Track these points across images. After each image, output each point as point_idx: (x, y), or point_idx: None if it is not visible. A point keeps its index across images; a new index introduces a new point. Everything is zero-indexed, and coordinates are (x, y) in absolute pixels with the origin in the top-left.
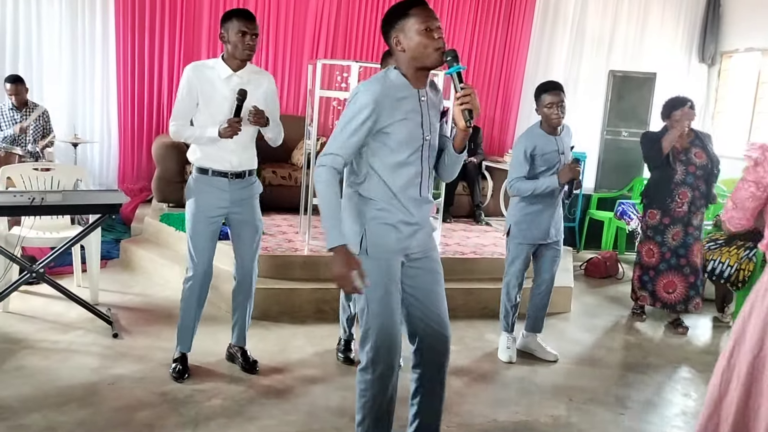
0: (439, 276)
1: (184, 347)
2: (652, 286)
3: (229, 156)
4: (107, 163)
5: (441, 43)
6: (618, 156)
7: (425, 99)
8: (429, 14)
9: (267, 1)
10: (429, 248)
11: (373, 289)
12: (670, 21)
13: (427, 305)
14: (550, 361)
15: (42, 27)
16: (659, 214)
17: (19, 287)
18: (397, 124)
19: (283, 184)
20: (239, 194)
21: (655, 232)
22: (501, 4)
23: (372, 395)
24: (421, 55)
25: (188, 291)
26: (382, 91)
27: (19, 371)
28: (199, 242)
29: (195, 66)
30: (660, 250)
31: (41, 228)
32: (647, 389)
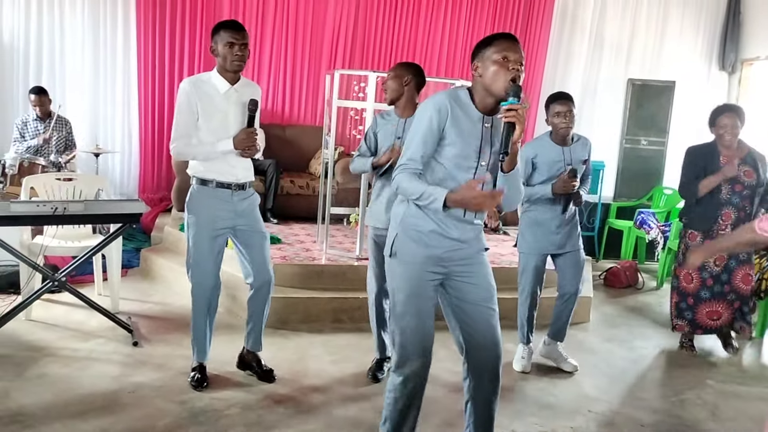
0: (485, 290)
1: (199, 357)
2: (692, 315)
3: (234, 169)
4: (128, 173)
5: (513, 74)
6: (637, 165)
7: (489, 125)
8: (509, 46)
9: (285, 12)
10: (475, 264)
11: (399, 291)
12: (690, 28)
13: (474, 319)
14: (568, 372)
15: (65, 39)
16: (700, 236)
17: (41, 296)
18: (453, 140)
19: (300, 194)
20: (242, 205)
21: None
22: (518, 11)
23: (394, 397)
24: (492, 82)
25: (195, 303)
26: (446, 101)
27: (41, 379)
28: (205, 257)
29: (191, 81)
30: (700, 276)
31: (63, 237)
32: (668, 401)
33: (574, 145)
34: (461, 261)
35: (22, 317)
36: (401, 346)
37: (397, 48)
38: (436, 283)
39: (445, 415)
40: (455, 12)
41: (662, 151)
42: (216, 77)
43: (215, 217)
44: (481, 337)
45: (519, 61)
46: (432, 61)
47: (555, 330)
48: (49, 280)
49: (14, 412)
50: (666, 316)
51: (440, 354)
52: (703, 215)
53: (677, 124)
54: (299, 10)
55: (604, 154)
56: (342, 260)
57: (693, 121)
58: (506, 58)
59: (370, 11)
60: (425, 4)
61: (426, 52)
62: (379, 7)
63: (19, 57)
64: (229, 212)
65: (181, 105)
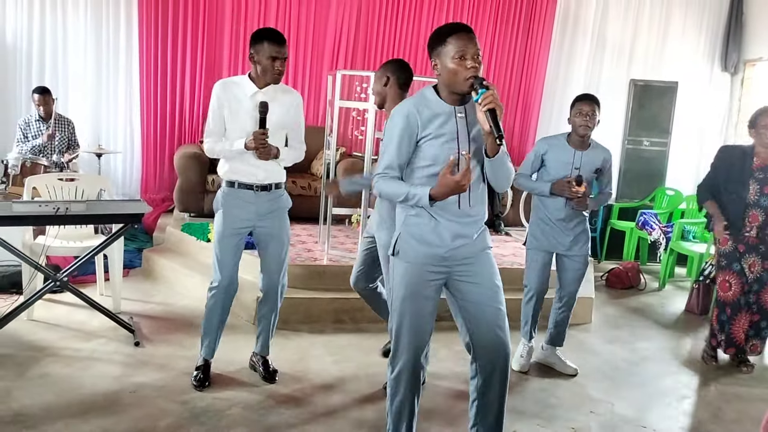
0: (489, 289)
1: (206, 354)
2: (729, 327)
3: (255, 169)
4: (130, 174)
5: (473, 72)
6: (640, 165)
7: (463, 116)
8: (464, 43)
9: (287, 13)
10: (478, 264)
11: (398, 289)
12: (692, 29)
13: (479, 318)
14: (570, 374)
15: (68, 39)
16: (731, 240)
17: (43, 296)
18: (428, 139)
19: (302, 194)
20: (266, 207)
21: (731, 260)
22: (520, 13)
23: (390, 394)
24: (453, 82)
25: (212, 300)
26: (412, 107)
27: (43, 379)
28: (225, 254)
29: (223, 83)
30: (740, 281)
31: (65, 237)
32: (670, 403)
33: (588, 151)
34: (464, 260)
35: (24, 317)
36: (395, 342)
37: (399, 48)
38: (437, 283)
39: (447, 415)
40: (457, 13)
41: (664, 152)
42: (247, 81)
43: (236, 217)
44: (487, 336)
45: (475, 54)
46: None
47: (552, 335)
48: (51, 280)
49: (16, 412)
50: (668, 317)
51: (441, 354)
52: (730, 217)
53: (680, 125)
54: (301, 11)
55: None
56: (344, 261)
57: (695, 121)
58: (463, 57)
59: (372, 12)
60: (427, 5)
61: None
62: (381, 8)
63: (22, 57)
64: (250, 213)
65: (211, 105)
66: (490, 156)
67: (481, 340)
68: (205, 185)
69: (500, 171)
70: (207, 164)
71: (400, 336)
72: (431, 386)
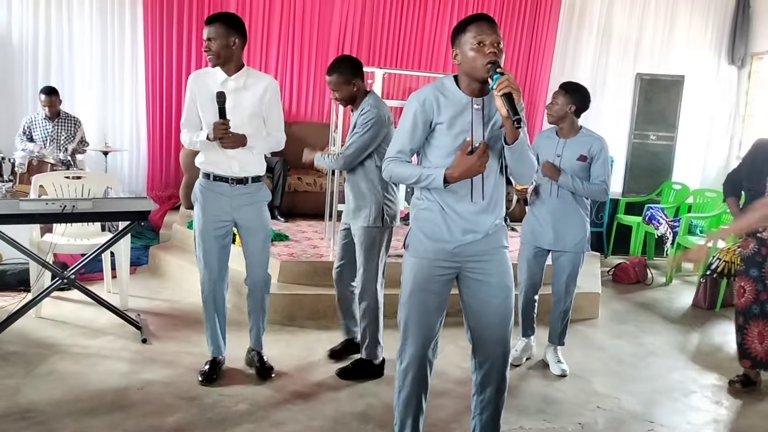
0: (497, 288)
1: (212, 351)
2: (741, 338)
3: (229, 161)
4: (136, 171)
5: (491, 58)
6: (646, 160)
7: (479, 107)
8: (483, 29)
9: (292, 9)
10: (490, 261)
11: (406, 283)
12: (699, 22)
13: (482, 315)
14: (557, 374)
15: (73, 38)
16: (754, 243)
17: (51, 293)
18: (443, 128)
19: (308, 191)
20: (241, 200)
21: (749, 265)
22: (525, 6)
23: (398, 387)
24: (471, 69)
25: (204, 296)
26: (430, 93)
27: (51, 375)
28: (207, 248)
29: (196, 74)
30: (755, 288)
31: (72, 235)
32: (677, 398)
33: (575, 139)
34: (474, 256)
35: (32, 314)
36: (402, 336)
37: (403, 45)
38: (446, 278)
39: (452, 410)
40: (462, 7)
41: (671, 146)
42: (218, 69)
43: (215, 210)
44: (487, 334)
45: (495, 42)
46: (439, 57)
47: (549, 333)
48: (59, 278)
49: (24, 408)
50: (675, 312)
51: (448, 350)
52: None
53: (686, 119)
54: (306, 7)
55: (612, 150)
56: None
57: (702, 115)
58: (482, 43)
59: (376, 8)
60: (432, 1)
61: (433, 48)
62: (385, 4)
63: (28, 57)
64: (226, 205)
65: (186, 97)
66: (509, 143)
67: (482, 336)
68: None
69: (521, 160)
70: None
71: (407, 330)
72: (438, 380)
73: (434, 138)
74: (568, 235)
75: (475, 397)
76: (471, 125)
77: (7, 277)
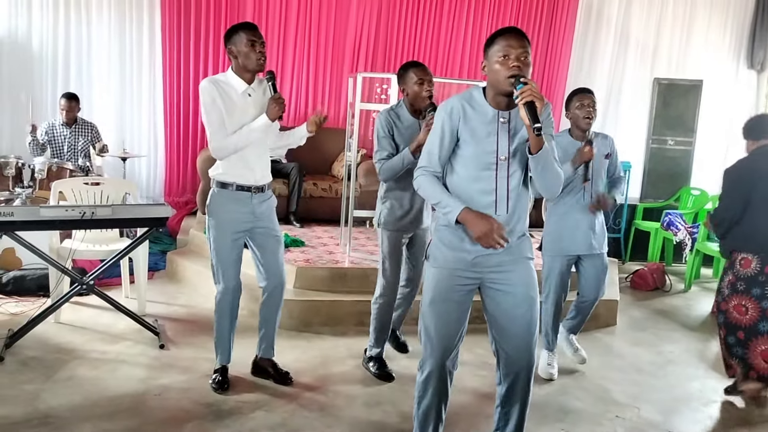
0: (521, 299)
1: (223, 360)
2: (742, 351)
3: (252, 171)
4: (154, 177)
5: (514, 71)
6: (664, 165)
7: (506, 121)
8: (510, 43)
9: (308, 16)
10: (513, 272)
11: (427, 293)
12: (717, 26)
13: (507, 327)
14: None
15: (92, 45)
16: (756, 262)
17: (70, 299)
18: (467, 139)
19: (324, 196)
20: (261, 208)
21: (751, 285)
22: (542, 10)
23: (418, 396)
24: (496, 81)
25: (219, 305)
26: (458, 103)
27: (70, 381)
28: (227, 258)
29: (210, 80)
30: (759, 306)
31: (91, 241)
32: (697, 407)
33: (596, 139)
34: (495, 267)
35: (52, 320)
36: (424, 346)
37: (419, 50)
38: (467, 288)
39: (470, 419)
40: (478, 13)
41: (690, 151)
42: (233, 77)
43: (235, 220)
44: (512, 345)
45: (521, 56)
46: (455, 62)
47: (572, 325)
48: (78, 284)
49: (44, 413)
50: (695, 319)
51: (464, 358)
52: (757, 233)
53: (705, 124)
54: (322, 14)
55: (630, 155)
56: (365, 263)
57: (721, 120)
58: (507, 56)
59: (392, 14)
60: (448, 5)
61: (448, 53)
62: (401, 10)
63: (48, 63)
64: (248, 215)
65: (207, 103)
66: (533, 153)
67: (507, 349)
68: None
69: (546, 170)
70: None
71: (428, 340)
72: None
73: (460, 148)
74: (601, 235)
75: (498, 409)
76: (496, 138)
77: (26, 282)
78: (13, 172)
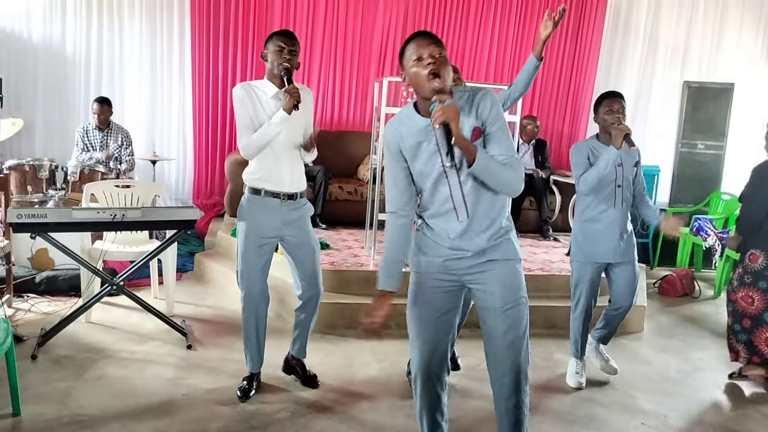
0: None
1: (251, 367)
2: (747, 337)
3: (281, 178)
4: (183, 179)
5: (431, 69)
6: (694, 170)
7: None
8: (420, 44)
9: (335, 20)
10: (488, 272)
11: (410, 304)
12: (749, 28)
13: (490, 327)
14: (609, 374)
15: (123, 50)
16: (763, 257)
17: (101, 299)
18: (411, 158)
19: (349, 199)
20: (290, 216)
21: (758, 278)
22: (570, 14)
23: (418, 408)
24: (417, 86)
25: (244, 311)
26: (389, 130)
27: (100, 380)
28: (251, 265)
29: (242, 85)
30: (765, 297)
31: (121, 242)
32: (725, 415)
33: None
34: (468, 269)
35: (83, 320)
36: (412, 356)
37: None
38: (445, 289)
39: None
40: (504, 17)
41: (720, 156)
42: (266, 83)
43: (263, 226)
44: (495, 346)
45: (434, 53)
46: (481, 66)
47: (602, 335)
48: (108, 284)
49: (74, 411)
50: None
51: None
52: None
53: (736, 128)
54: (348, 18)
55: (659, 159)
56: None
57: (753, 123)
58: (420, 57)
59: (418, 18)
60: (474, 10)
61: (475, 57)
62: (427, 14)
63: (81, 68)
64: (277, 221)
65: (236, 105)
66: (469, 166)
67: (492, 349)
68: None
69: (488, 179)
70: None
71: (412, 342)
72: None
73: (413, 168)
74: (630, 243)
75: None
76: (437, 146)
77: (59, 282)
78: (47, 174)
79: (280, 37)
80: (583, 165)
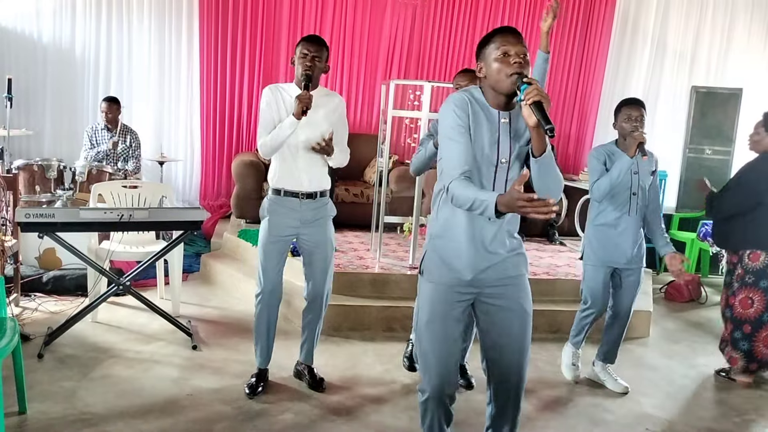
0: (517, 315)
1: (260, 363)
2: (749, 345)
3: (299, 178)
4: (190, 180)
5: (516, 69)
6: (701, 175)
7: (507, 121)
8: (508, 40)
9: (342, 23)
10: (510, 286)
11: (422, 311)
12: (758, 33)
13: (499, 344)
14: (620, 392)
15: (132, 51)
16: (765, 256)
17: (107, 299)
18: (472, 133)
19: (355, 202)
20: (310, 215)
21: (759, 277)
22: (577, 18)
23: (421, 415)
24: (497, 81)
25: (258, 307)
26: (465, 96)
27: (106, 379)
28: (268, 261)
29: (272, 87)
30: (765, 298)
31: (128, 242)
32: (730, 422)
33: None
34: (494, 282)
35: (89, 319)
36: (422, 368)
37: (452, 57)
38: (466, 304)
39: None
40: (512, 19)
41: (728, 161)
42: (292, 85)
43: (280, 224)
44: (505, 363)
45: (521, 53)
46: None
47: (606, 352)
48: (115, 284)
49: (80, 410)
50: None
51: None
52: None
53: (744, 133)
54: (356, 21)
55: (666, 164)
56: (395, 269)
57: None
58: (507, 54)
59: (425, 22)
60: (481, 13)
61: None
62: (434, 18)
63: (90, 68)
64: (295, 220)
65: (263, 106)
66: (536, 156)
67: (500, 366)
68: (261, 192)
69: (548, 173)
70: (263, 172)
71: (425, 364)
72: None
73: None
74: (642, 251)
75: (490, 430)
76: (498, 140)
77: (66, 282)
78: (55, 174)
79: (305, 43)
80: (598, 171)
